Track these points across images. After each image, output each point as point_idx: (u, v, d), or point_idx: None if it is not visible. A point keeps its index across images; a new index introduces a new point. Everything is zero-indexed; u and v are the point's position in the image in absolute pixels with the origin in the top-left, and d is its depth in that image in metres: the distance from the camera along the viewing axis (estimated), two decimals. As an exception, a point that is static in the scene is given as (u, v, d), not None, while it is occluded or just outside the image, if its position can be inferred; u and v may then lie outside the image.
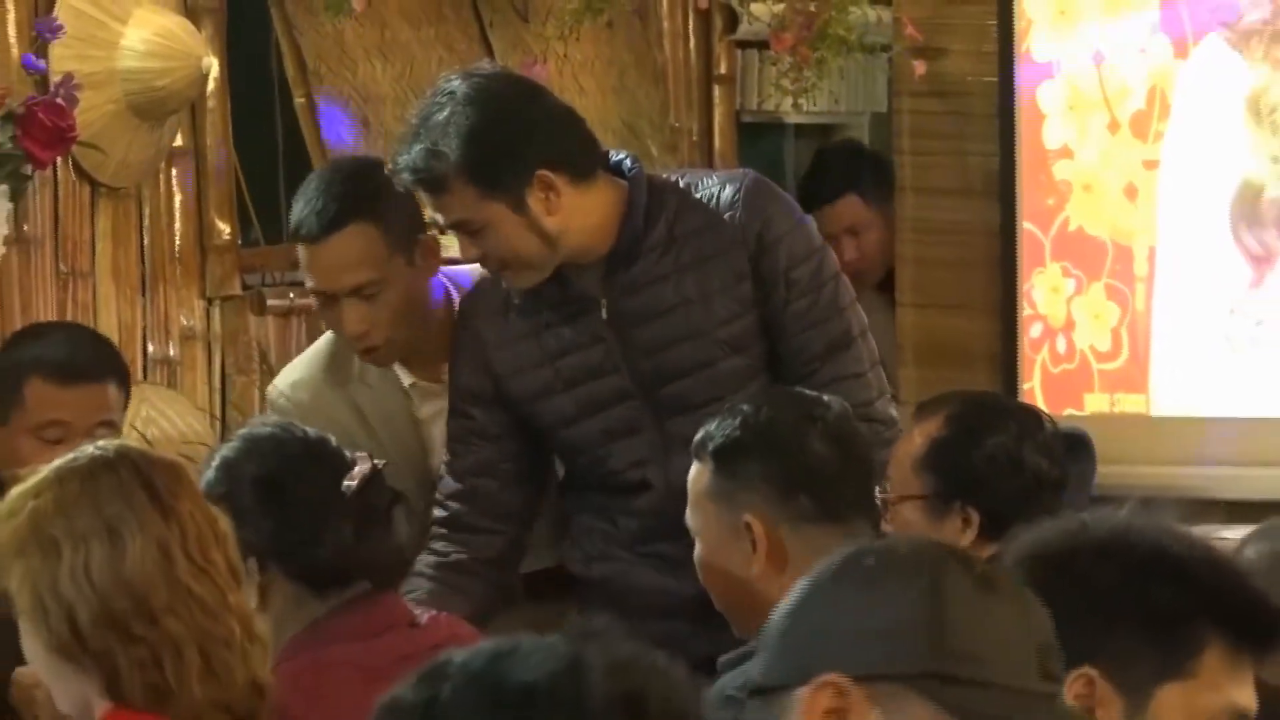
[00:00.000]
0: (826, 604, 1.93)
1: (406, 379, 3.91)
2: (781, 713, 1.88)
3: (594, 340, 3.65)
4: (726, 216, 3.69)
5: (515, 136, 3.60)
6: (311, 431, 3.24)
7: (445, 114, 3.52)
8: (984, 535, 3.43)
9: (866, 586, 1.92)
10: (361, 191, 3.88)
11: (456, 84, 3.65)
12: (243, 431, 3.29)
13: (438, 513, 3.68)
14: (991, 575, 1.96)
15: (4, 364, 4.08)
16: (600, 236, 3.62)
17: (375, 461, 3.15)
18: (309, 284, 3.92)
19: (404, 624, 3.14)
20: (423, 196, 3.67)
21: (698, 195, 3.73)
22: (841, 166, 6.23)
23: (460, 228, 3.58)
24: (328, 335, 4.13)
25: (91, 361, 4.02)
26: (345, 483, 3.07)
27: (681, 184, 3.81)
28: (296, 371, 4.15)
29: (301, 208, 3.88)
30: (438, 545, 3.78)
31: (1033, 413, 3.79)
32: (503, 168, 3.56)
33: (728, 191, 3.72)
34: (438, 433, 3.92)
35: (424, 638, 3.07)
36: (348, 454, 3.18)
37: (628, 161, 3.76)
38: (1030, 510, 3.22)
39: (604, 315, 3.62)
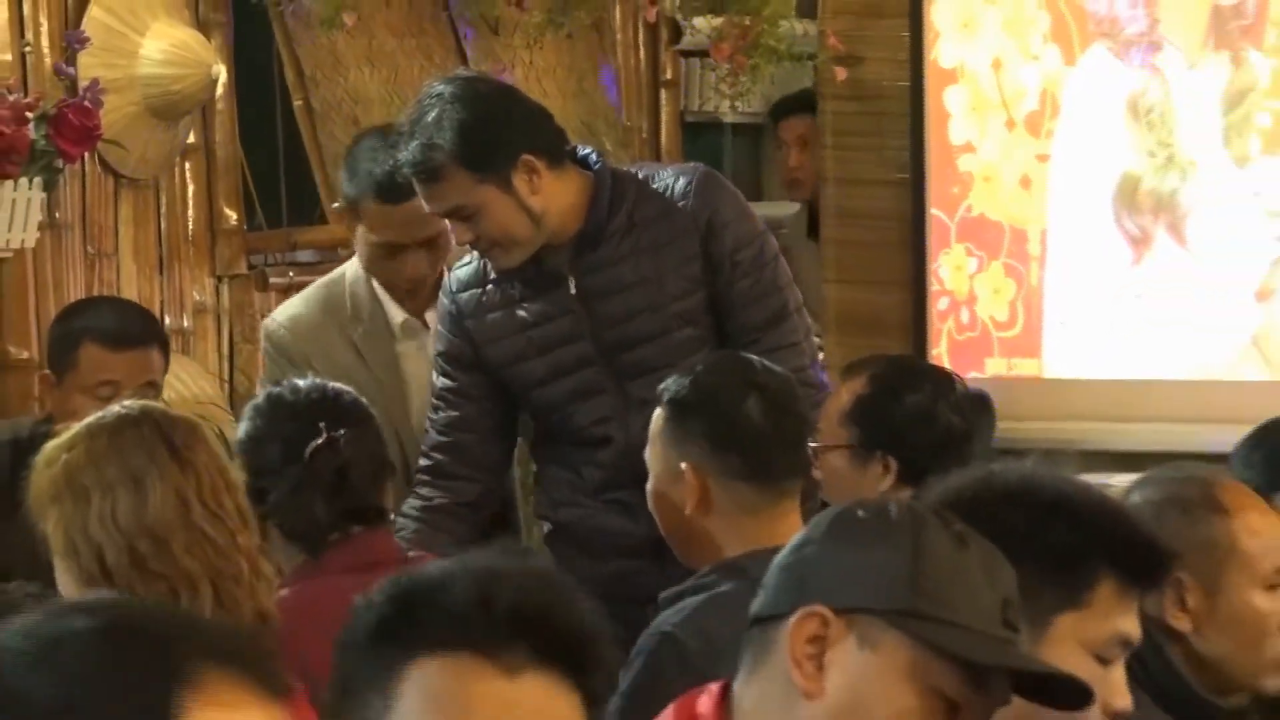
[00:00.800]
0: (820, 548, 1.95)
1: (399, 315, 3.94)
2: (774, 638, 1.90)
3: (563, 312, 3.66)
4: (680, 205, 3.71)
5: (500, 125, 3.60)
6: (310, 396, 3.23)
7: (435, 113, 3.53)
8: (901, 481, 3.40)
9: (857, 535, 1.94)
10: None
11: (441, 88, 3.66)
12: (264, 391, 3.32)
13: (423, 462, 3.72)
14: (966, 535, 1.96)
15: (61, 331, 4.09)
16: (570, 220, 3.64)
17: (334, 434, 3.11)
18: (377, 238, 3.90)
19: (394, 560, 3.07)
20: (420, 189, 3.66)
21: (654, 186, 3.75)
22: (810, 94, 6.14)
23: (455, 214, 3.59)
24: (321, 280, 4.13)
25: (138, 330, 4.00)
26: (306, 450, 3.07)
27: (640, 176, 3.82)
28: (294, 308, 4.14)
29: (382, 174, 3.88)
30: (423, 491, 3.78)
31: (946, 374, 3.79)
32: (491, 153, 3.56)
33: (681, 183, 3.73)
34: (412, 368, 3.94)
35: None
36: (319, 424, 3.14)
37: (593, 155, 3.77)
38: (943, 460, 3.22)
39: (572, 290, 3.63)
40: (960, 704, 1.88)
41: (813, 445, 3.37)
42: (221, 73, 4.92)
